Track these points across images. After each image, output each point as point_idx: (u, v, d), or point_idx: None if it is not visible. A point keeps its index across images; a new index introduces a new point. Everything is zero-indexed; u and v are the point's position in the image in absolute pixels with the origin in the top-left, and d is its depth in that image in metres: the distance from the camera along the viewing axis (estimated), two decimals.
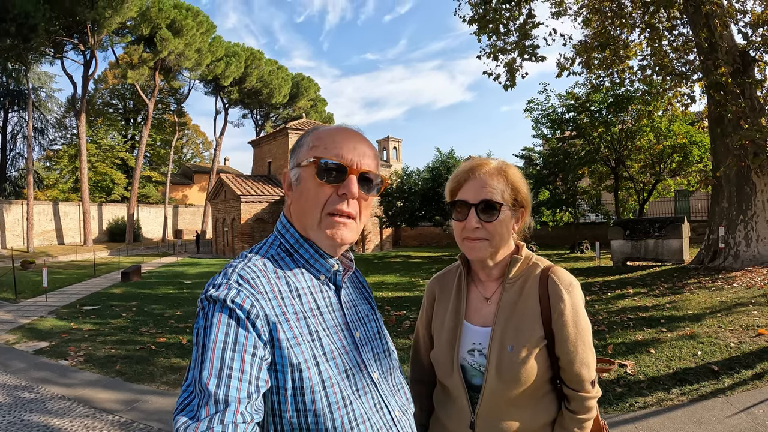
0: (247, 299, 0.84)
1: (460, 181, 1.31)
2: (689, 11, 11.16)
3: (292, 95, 47.52)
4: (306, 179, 1.00)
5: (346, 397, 0.91)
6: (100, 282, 15.51)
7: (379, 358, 1.06)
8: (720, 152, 11.29)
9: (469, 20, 12.96)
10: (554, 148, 19.91)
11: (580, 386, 1.25)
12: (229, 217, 29.21)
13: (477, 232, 1.25)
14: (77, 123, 33.05)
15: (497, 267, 1.34)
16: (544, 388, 1.27)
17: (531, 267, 1.33)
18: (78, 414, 4.31)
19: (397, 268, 17.25)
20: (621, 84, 14.25)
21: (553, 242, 23.97)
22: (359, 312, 1.10)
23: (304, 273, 1.00)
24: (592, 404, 1.26)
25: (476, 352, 1.29)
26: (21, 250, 28.64)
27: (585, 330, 1.25)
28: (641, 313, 7.08)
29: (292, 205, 1.04)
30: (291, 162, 1.06)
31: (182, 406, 0.77)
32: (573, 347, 1.23)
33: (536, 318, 1.25)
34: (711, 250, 11.38)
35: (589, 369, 1.26)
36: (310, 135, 1.05)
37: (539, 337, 1.24)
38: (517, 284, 1.31)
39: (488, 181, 1.27)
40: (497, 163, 1.33)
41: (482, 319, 1.32)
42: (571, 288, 1.25)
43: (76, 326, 8.24)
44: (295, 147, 1.06)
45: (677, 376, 4.37)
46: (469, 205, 1.26)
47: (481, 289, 1.37)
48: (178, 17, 33.58)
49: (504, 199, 1.27)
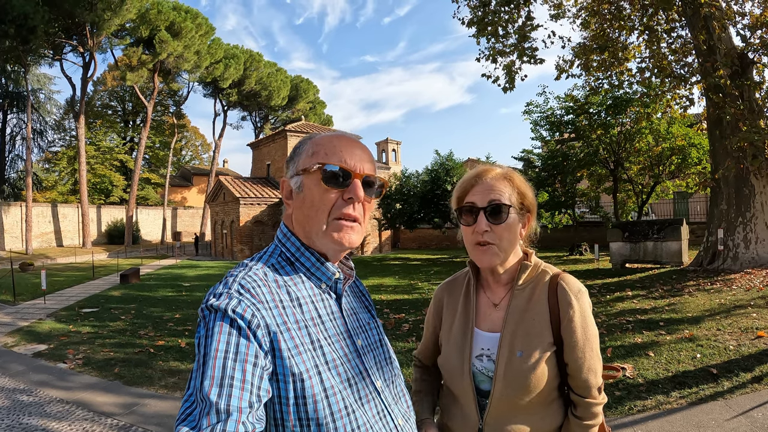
0: (248, 309, 0.84)
1: (467, 187, 1.33)
2: (688, 13, 11.20)
3: (291, 97, 47.56)
4: (310, 186, 1.00)
5: (348, 406, 0.91)
6: (98, 284, 15.48)
7: (381, 366, 1.06)
8: (719, 154, 11.31)
9: (468, 23, 12.99)
10: (553, 151, 19.94)
11: (587, 393, 1.26)
12: (228, 219, 29.17)
13: (487, 236, 1.27)
14: (76, 125, 33.03)
15: (506, 273, 1.36)
16: (552, 394, 1.28)
17: (540, 274, 1.34)
18: (77, 417, 4.30)
19: (396, 271, 17.24)
20: (620, 86, 14.30)
21: (552, 244, 23.97)
22: (360, 320, 1.10)
23: (305, 281, 1.00)
24: (599, 410, 1.27)
25: (485, 357, 1.30)
26: (19, 252, 28.61)
27: (593, 336, 1.27)
28: (640, 315, 7.08)
29: (295, 212, 1.04)
30: (290, 170, 1.06)
31: (184, 416, 0.77)
32: (581, 353, 1.25)
33: (546, 324, 1.27)
34: (710, 252, 11.39)
35: (596, 375, 1.27)
36: (308, 143, 1.05)
37: (549, 343, 1.25)
38: (527, 290, 1.32)
39: (495, 185, 1.29)
40: (503, 169, 1.36)
41: (491, 324, 1.34)
42: (580, 295, 1.27)
43: (75, 329, 8.22)
44: (293, 155, 1.06)
45: (676, 379, 4.37)
46: (477, 208, 1.28)
47: (490, 295, 1.38)
48: (177, 19, 33.60)
49: (511, 202, 1.29)
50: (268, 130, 47.70)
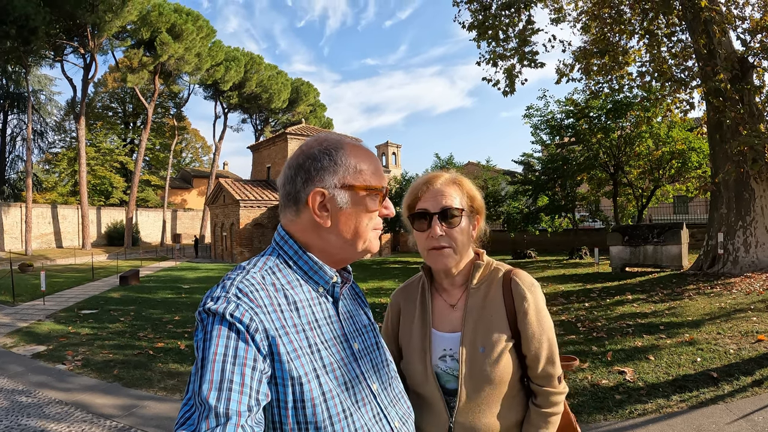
0: (246, 313, 0.83)
1: (418, 193, 1.35)
2: (688, 18, 11.22)
3: (291, 100, 47.68)
4: (368, 206, 1.04)
5: (346, 409, 0.91)
6: (98, 286, 15.47)
7: (377, 369, 1.06)
8: (719, 158, 11.31)
9: (468, 26, 13.01)
10: (553, 154, 19.94)
11: (546, 382, 1.31)
12: (227, 221, 29.17)
13: (442, 240, 1.30)
14: (77, 126, 33.08)
15: (460, 274, 1.40)
16: (516, 387, 1.32)
17: (493, 272, 1.39)
18: (76, 419, 4.29)
19: (395, 274, 17.22)
20: (620, 90, 14.29)
21: (552, 248, 23.97)
22: (357, 323, 1.10)
23: (302, 285, 0.99)
24: (559, 399, 1.31)
25: (448, 357, 1.33)
26: (19, 252, 28.59)
27: (548, 327, 1.32)
28: (640, 319, 7.08)
29: (335, 226, 1.01)
30: (327, 180, 0.99)
31: (183, 420, 0.76)
32: (538, 344, 1.29)
33: (503, 319, 1.31)
34: (710, 256, 11.39)
35: (554, 365, 1.31)
36: (345, 154, 1.02)
37: (507, 337, 1.29)
38: (482, 289, 1.36)
39: (445, 190, 1.33)
40: (450, 174, 1.39)
41: (450, 325, 1.37)
42: (533, 288, 1.32)
43: (74, 330, 8.22)
44: (322, 164, 1.00)
45: (677, 382, 4.36)
46: (430, 214, 1.31)
47: (446, 297, 1.42)
48: (179, 21, 33.69)
49: (462, 205, 1.33)
50: (269, 132, 47.72)
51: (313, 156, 1.01)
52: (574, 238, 22.12)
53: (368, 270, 19.32)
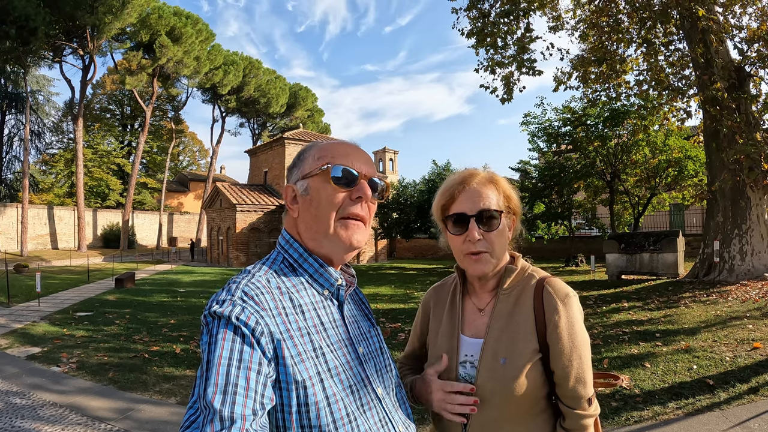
0: (251, 316, 0.84)
1: (454, 194, 1.27)
2: (685, 27, 11.31)
3: (289, 105, 47.72)
4: (317, 188, 1.02)
5: (350, 413, 0.91)
6: (93, 288, 15.41)
7: (382, 374, 1.07)
8: (715, 167, 11.38)
9: (467, 33, 13.06)
10: (550, 162, 20.00)
11: (576, 403, 1.19)
12: (224, 225, 29.11)
13: (480, 244, 1.22)
14: (74, 127, 33.00)
15: (493, 278, 1.31)
16: (540, 404, 1.22)
17: (526, 278, 1.30)
18: (70, 422, 4.27)
19: (392, 280, 17.22)
20: (617, 98, 14.36)
21: (548, 255, 23.97)
22: (361, 327, 1.10)
23: (307, 288, 1.00)
24: (589, 423, 1.20)
25: (468, 364, 1.26)
26: (14, 253, 28.43)
27: (582, 344, 1.20)
28: (636, 326, 7.09)
29: (301, 215, 1.05)
30: (294, 175, 1.07)
31: (188, 423, 0.77)
32: (568, 361, 1.18)
33: (531, 330, 1.21)
34: (706, 264, 11.43)
35: (585, 385, 1.20)
36: (313, 149, 1.08)
37: (533, 350, 1.19)
38: (512, 295, 1.27)
39: (482, 190, 1.25)
40: (486, 172, 1.31)
41: (475, 330, 1.29)
42: (566, 299, 1.21)
43: (69, 332, 8.18)
44: (296, 162, 1.09)
45: (673, 390, 4.37)
46: (467, 216, 1.23)
47: (476, 301, 1.34)
48: (178, 25, 33.72)
49: (500, 207, 1.25)
50: (266, 137, 47.74)
51: (295, 157, 1.11)
52: (570, 245, 22.14)
53: (364, 276, 19.30)
